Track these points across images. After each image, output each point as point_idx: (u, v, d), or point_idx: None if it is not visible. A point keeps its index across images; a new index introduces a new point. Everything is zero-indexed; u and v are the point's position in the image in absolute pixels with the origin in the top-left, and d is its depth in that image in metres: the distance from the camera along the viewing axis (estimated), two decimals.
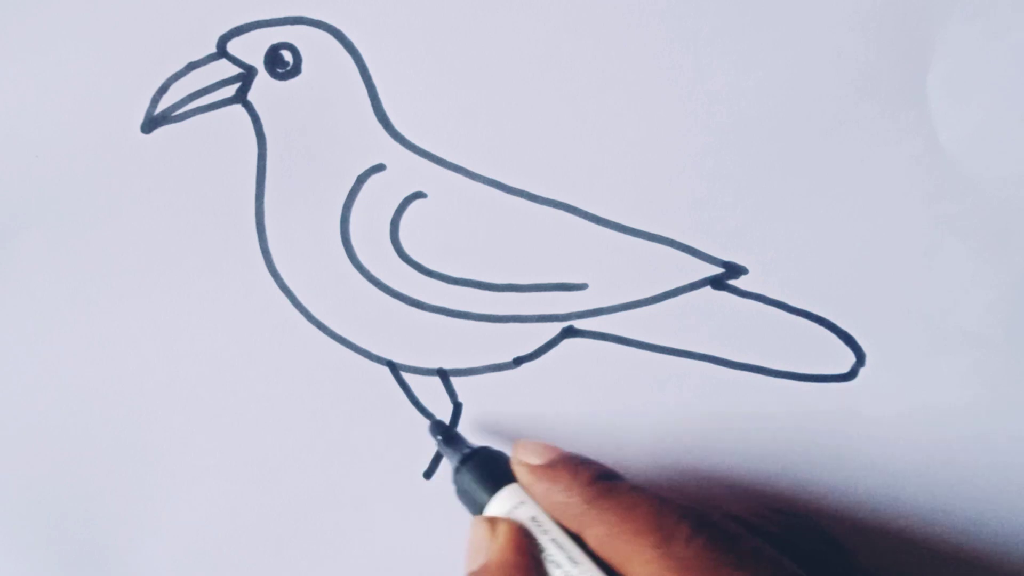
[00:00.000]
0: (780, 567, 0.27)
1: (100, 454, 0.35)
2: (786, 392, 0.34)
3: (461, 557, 0.31)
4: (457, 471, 0.31)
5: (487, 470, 0.31)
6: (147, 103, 0.33)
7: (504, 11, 0.33)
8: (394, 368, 0.34)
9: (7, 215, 0.34)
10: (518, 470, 0.30)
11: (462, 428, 0.34)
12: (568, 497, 0.29)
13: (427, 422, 0.34)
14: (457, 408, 0.34)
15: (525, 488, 0.30)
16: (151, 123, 0.34)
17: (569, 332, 0.34)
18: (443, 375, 0.34)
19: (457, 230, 0.34)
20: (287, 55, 0.33)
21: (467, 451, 0.32)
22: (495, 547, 0.29)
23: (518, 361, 0.34)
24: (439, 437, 0.33)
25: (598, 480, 0.29)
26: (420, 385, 0.34)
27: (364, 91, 0.33)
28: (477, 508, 0.31)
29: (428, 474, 0.34)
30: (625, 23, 0.33)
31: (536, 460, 0.30)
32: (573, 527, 0.29)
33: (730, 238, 0.34)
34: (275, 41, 0.33)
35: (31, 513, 0.35)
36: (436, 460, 0.34)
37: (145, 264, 0.34)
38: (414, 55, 0.33)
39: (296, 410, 0.34)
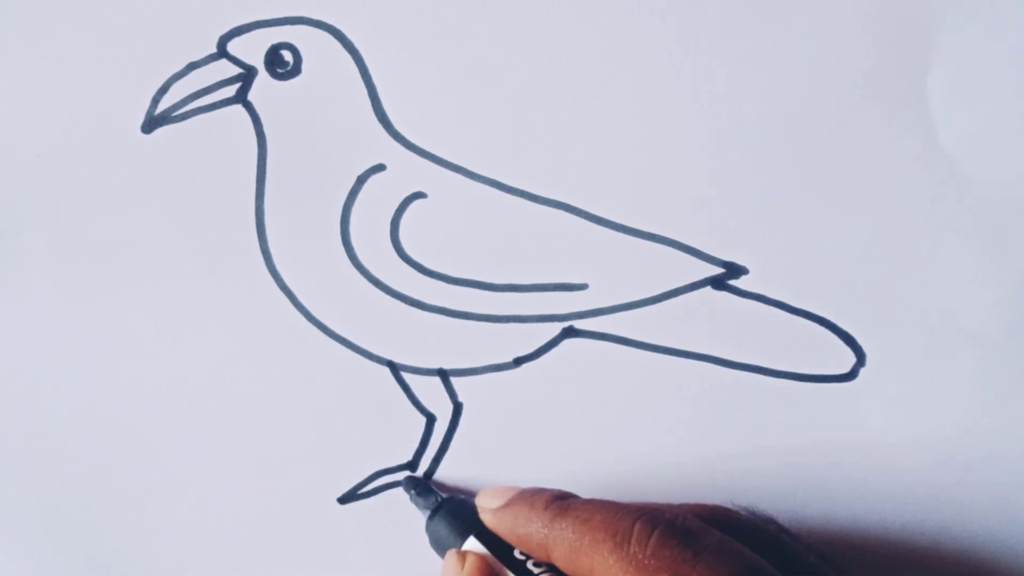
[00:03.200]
0: (740, 558, 0.27)
1: (100, 454, 0.35)
2: (786, 392, 0.34)
3: None
4: (429, 521, 0.33)
5: (456, 519, 0.32)
6: (147, 103, 0.33)
7: (504, 11, 0.33)
8: (394, 368, 0.34)
9: (7, 215, 0.34)
10: (484, 517, 0.31)
11: (462, 428, 0.34)
12: (529, 527, 0.30)
13: (423, 419, 0.34)
14: (457, 408, 0.34)
15: (494, 531, 0.31)
16: (151, 123, 0.34)
17: (569, 332, 0.34)
18: (443, 375, 0.34)
19: (457, 230, 0.34)
20: (287, 55, 0.33)
21: (437, 501, 0.33)
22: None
23: (518, 361, 0.34)
24: (412, 491, 0.34)
25: (553, 503, 0.30)
26: (420, 385, 0.34)
27: (364, 91, 0.33)
28: None
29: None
30: (625, 23, 0.33)
31: (497, 503, 0.31)
32: (542, 556, 0.30)
33: (730, 238, 0.34)
34: (275, 41, 0.33)
35: (31, 513, 0.35)
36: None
37: (145, 264, 0.34)
38: (414, 55, 0.33)
39: (296, 410, 0.34)
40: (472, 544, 0.31)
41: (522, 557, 0.30)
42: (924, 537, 0.34)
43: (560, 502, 0.30)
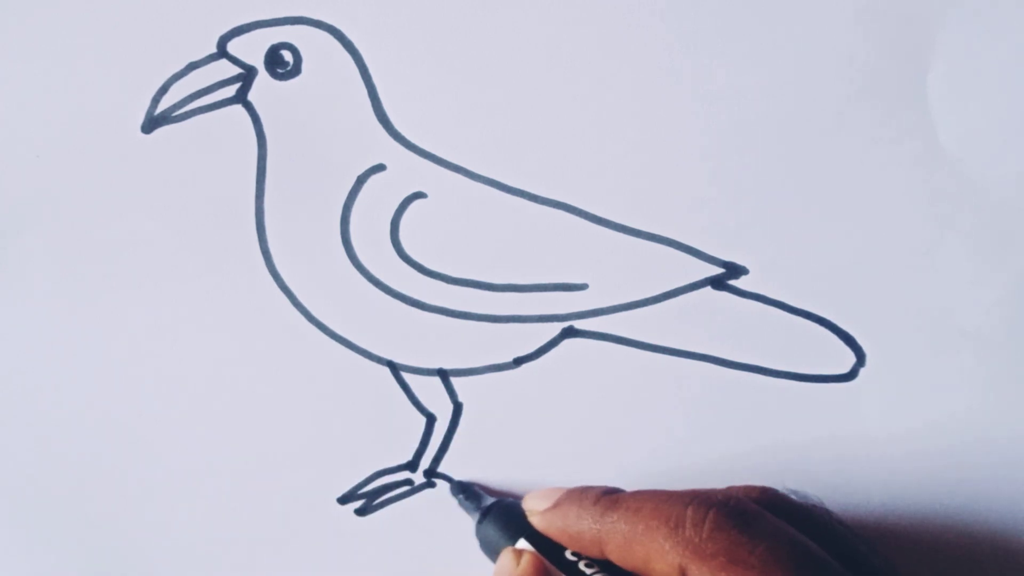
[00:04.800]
0: (795, 543, 0.27)
1: (100, 454, 0.35)
2: (786, 392, 0.34)
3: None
4: (478, 525, 0.33)
5: (506, 522, 0.32)
6: (147, 103, 0.33)
7: (504, 11, 0.33)
8: (394, 368, 0.34)
9: (7, 215, 0.34)
10: (533, 520, 0.31)
11: (462, 428, 0.34)
12: (580, 524, 0.30)
13: (423, 420, 0.34)
14: (457, 408, 0.34)
15: (544, 532, 0.31)
16: (151, 123, 0.34)
17: (569, 332, 0.34)
18: (443, 375, 0.34)
19: (457, 230, 0.34)
20: (287, 55, 0.33)
21: (486, 505, 0.33)
22: (517, 573, 0.30)
23: (518, 361, 0.34)
24: (460, 496, 0.34)
25: (603, 498, 0.30)
26: (420, 385, 0.34)
27: (364, 91, 0.33)
28: None
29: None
30: (625, 23, 0.33)
31: (545, 504, 0.31)
32: (596, 552, 0.29)
33: (730, 238, 0.34)
34: (275, 41, 0.33)
35: (31, 513, 0.35)
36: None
37: (145, 264, 0.34)
38: (414, 55, 0.33)
39: (296, 410, 0.34)
40: (523, 547, 0.31)
41: (573, 559, 0.30)
42: (924, 537, 0.34)
43: (609, 496, 0.30)
